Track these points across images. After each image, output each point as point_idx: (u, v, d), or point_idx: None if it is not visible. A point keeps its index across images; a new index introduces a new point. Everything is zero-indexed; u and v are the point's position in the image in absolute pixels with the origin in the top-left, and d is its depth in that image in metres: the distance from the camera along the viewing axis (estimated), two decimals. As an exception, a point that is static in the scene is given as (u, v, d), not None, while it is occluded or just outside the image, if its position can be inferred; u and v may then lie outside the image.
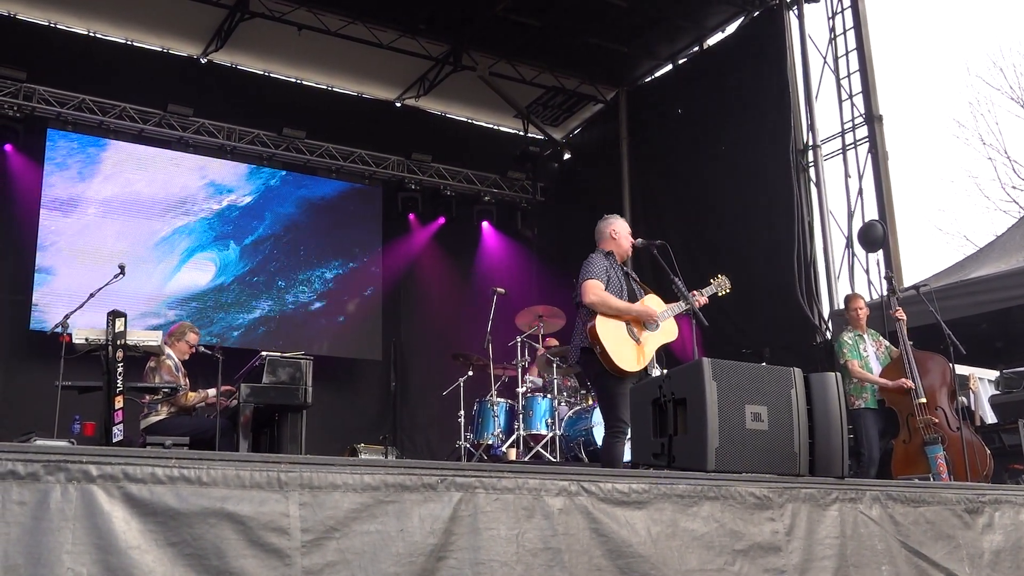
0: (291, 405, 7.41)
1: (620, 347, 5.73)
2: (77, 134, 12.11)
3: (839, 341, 7.99)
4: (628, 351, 5.75)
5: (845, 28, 11.23)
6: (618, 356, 5.69)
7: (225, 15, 12.25)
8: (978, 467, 6.94)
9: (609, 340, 5.71)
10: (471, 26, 12.83)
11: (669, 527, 3.65)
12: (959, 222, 32.02)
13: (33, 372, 10.34)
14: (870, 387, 7.72)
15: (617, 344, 5.73)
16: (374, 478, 3.13)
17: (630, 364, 5.73)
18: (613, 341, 5.72)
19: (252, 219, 13.18)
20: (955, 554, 4.38)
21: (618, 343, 5.74)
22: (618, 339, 5.75)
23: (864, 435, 7.60)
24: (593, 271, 5.92)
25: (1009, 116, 26.99)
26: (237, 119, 13.09)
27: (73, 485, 2.71)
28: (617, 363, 5.68)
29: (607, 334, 5.73)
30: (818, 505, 4.08)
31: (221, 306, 12.67)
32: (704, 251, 11.21)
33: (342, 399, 12.78)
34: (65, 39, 12.31)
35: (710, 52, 13.14)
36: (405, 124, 14.55)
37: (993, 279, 8.89)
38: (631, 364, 5.74)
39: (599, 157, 14.76)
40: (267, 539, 2.88)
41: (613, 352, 5.68)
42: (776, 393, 4.40)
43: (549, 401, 9.27)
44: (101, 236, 11.93)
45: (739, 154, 11.85)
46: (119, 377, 6.31)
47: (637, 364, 5.77)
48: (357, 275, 13.88)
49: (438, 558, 3.13)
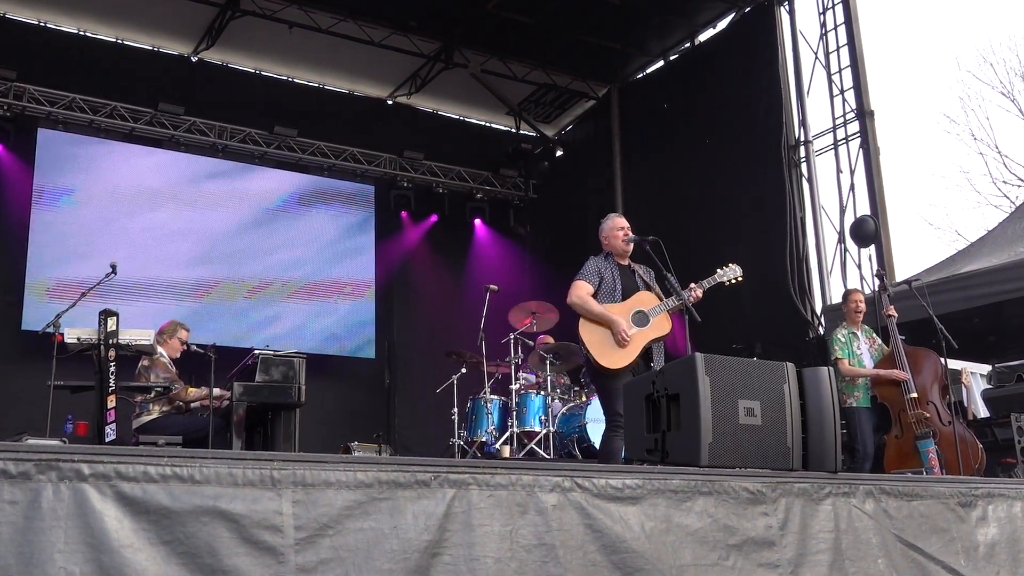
0: (284, 403, 7.40)
1: (602, 345, 5.84)
2: (68, 133, 12.08)
3: (832, 338, 7.96)
4: (611, 350, 5.83)
5: (836, 24, 11.25)
6: (600, 354, 5.82)
7: (216, 13, 12.22)
8: (970, 461, 6.96)
9: (592, 341, 5.87)
10: (462, 23, 12.83)
11: (663, 522, 3.65)
12: (950, 217, 32.20)
13: (25, 372, 10.31)
14: (863, 384, 7.70)
15: (600, 344, 5.85)
16: (367, 475, 3.12)
17: (614, 362, 5.81)
18: (596, 341, 5.86)
19: (244, 218, 13.15)
20: (950, 547, 4.38)
21: (600, 341, 5.85)
22: (601, 339, 5.86)
23: (858, 431, 7.60)
24: (583, 273, 6.11)
25: (999, 111, 27.04)
26: (228, 117, 13.08)
27: (65, 484, 2.69)
28: (601, 362, 5.81)
29: (589, 334, 5.90)
30: (812, 499, 4.09)
31: (213, 305, 12.64)
32: (696, 247, 11.18)
33: (335, 397, 12.77)
34: (55, 38, 12.28)
35: (702, 48, 13.16)
36: (397, 122, 14.56)
37: (985, 273, 8.91)
38: (615, 362, 5.81)
39: (591, 154, 14.78)
40: (260, 537, 2.87)
41: (595, 351, 5.84)
42: (769, 388, 4.40)
43: (543, 398, 9.27)
44: (92, 235, 11.89)
45: (731, 150, 11.86)
46: (111, 376, 6.29)
47: (622, 362, 5.82)
48: (350, 273, 13.87)
49: (432, 554, 3.13)
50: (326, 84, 14.21)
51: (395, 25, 12.83)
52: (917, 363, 7.47)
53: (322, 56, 13.33)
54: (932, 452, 6.99)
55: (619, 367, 5.80)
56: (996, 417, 8.08)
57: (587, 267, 6.13)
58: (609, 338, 5.86)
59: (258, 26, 12.31)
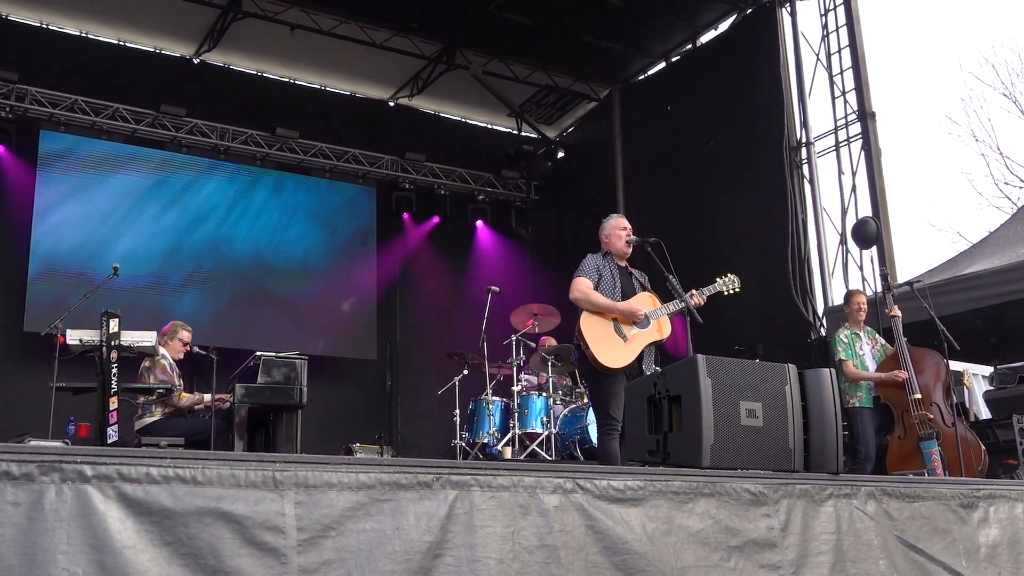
0: (286, 405, 7.40)
1: (604, 344, 5.78)
2: (70, 135, 12.08)
3: (835, 339, 7.93)
4: (612, 348, 5.79)
5: (838, 25, 11.26)
6: (601, 353, 5.75)
7: (218, 15, 12.23)
8: (972, 463, 6.95)
9: (593, 337, 5.79)
10: (464, 25, 12.84)
11: (664, 524, 3.66)
12: (952, 218, 32.15)
13: (28, 374, 10.32)
14: (865, 385, 7.68)
15: (601, 341, 5.78)
16: (369, 476, 3.13)
17: (613, 361, 5.76)
18: (597, 338, 5.79)
19: (247, 219, 13.15)
20: (952, 548, 4.38)
21: (602, 340, 5.79)
22: (603, 336, 5.80)
23: (860, 432, 7.58)
24: (582, 269, 6.03)
25: (1001, 112, 27.06)
26: (230, 119, 13.08)
27: (68, 485, 2.70)
28: (600, 360, 5.74)
29: (591, 331, 5.81)
30: (813, 501, 4.09)
31: (216, 306, 12.65)
32: (698, 248, 11.19)
33: (337, 398, 12.76)
34: (57, 40, 12.29)
35: (703, 50, 13.16)
36: (399, 123, 14.56)
37: (987, 275, 8.91)
38: (614, 361, 5.76)
39: (593, 155, 14.79)
40: (263, 538, 2.88)
41: (596, 349, 5.75)
42: (771, 389, 4.40)
43: (544, 399, 9.27)
44: (94, 237, 11.90)
45: (733, 151, 11.87)
46: (113, 378, 6.30)
47: (622, 361, 5.78)
48: (352, 275, 13.88)
49: (435, 555, 3.13)
50: (328, 86, 14.22)
51: (396, 27, 12.84)
52: (920, 363, 7.44)
53: (324, 58, 13.34)
54: (935, 453, 6.96)
55: (618, 367, 5.76)
56: (998, 418, 8.06)
57: (586, 263, 6.07)
58: (611, 336, 5.81)
59: (260, 28, 12.32)
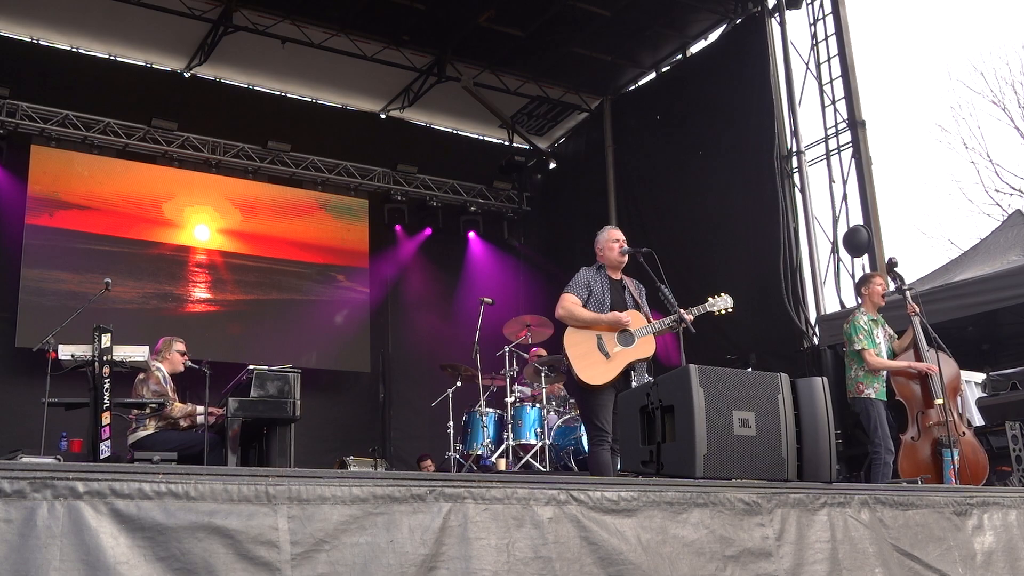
0: (279, 418, 7.37)
1: (585, 361, 5.83)
2: (61, 150, 12.06)
3: (853, 325, 7.31)
4: (593, 366, 5.82)
5: (827, 34, 11.29)
6: (582, 370, 5.81)
7: (208, 29, 12.23)
8: (979, 471, 6.90)
9: (575, 354, 5.85)
10: (455, 37, 12.87)
11: (659, 534, 3.65)
12: (943, 226, 32.24)
13: (19, 389, 10.28)
14: (881, 377, 7.20)
15: (583, 358, 5.84)
16: (363, 490, 3.12)
17: (594, 378, 5.80)
18: (579, 355, 5.85)
19: (239, 232, 13.14)
20: (947, 556, 4.39)
21: (584, 357, 5.84)
22: (585, 353, 5.85)
23: (878, 424, 7.06)
24: (571, 285, 6.08)
25: (991, 120, 27.18)
26: (222, 133, 13.08)
27: (60, 502, 2.69)
28: (581, 376, 5.80)
29: (573, 348, 5.88)
30: (807, 510, 4.09)
31: (207, 320, 12.62)
32: (690, 258, 11.21)
33: (331, 411, 12.74)
34: (48, 55, 12.29)
35: (693, 60, 13.20)
36: (390, 136, 14.57)
37: (978, 282, 8.94)
38: (595, 379, 5.80)
39: (584, 166, 14.81)
40: (256, 552, 2.87)
41: (577, 365, 5.82)
42: (763, 399, 4.41)
43: (538, 411, 9.26)
44: (86, 252, 11.88)
45: (724, 161, 11.88)
46: (106, 393, 6.28)
47: (603, 378, 5.80)
48: (344, 287, 13.87)
49: (429, 568, 3.13)
50: (319, 99, 14.23)
51: (388, 39, 12.86)
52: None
53: (315, 71, 13.35)
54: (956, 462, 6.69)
55: (599, 384, 5.80)
56: (991, 425, 8.09)
57: (577, 279, 6.11)
58: (593, 353, 5.85)
59: (251, 41, 12.33)
